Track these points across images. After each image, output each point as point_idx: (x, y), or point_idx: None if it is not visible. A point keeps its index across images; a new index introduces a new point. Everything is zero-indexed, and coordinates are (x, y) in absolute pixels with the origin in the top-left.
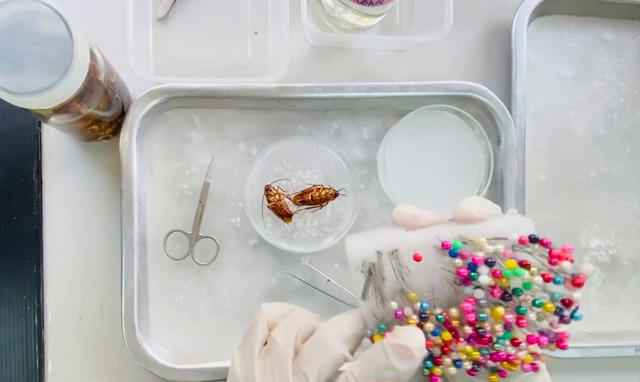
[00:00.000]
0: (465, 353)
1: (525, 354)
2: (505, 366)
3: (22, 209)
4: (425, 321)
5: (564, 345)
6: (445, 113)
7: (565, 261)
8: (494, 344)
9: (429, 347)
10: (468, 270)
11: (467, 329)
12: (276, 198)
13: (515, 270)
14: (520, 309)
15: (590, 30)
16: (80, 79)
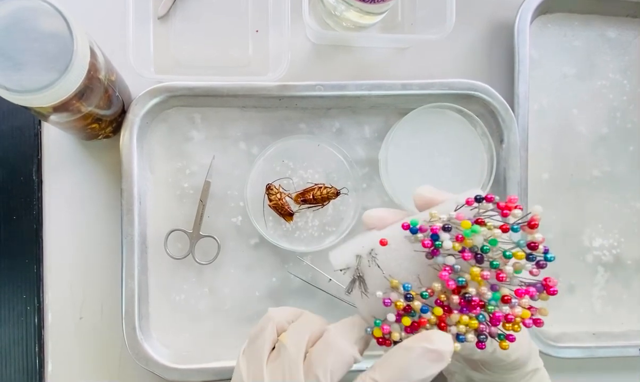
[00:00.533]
0: (464, 324)
1: (522, 310)
2: (507, 327)
3: (22, 208)
4: (411, 300)
5: (553, 290)
6: (448, 111)
7: (515, 209)
8: (487, 307)
9: (423, 325)
10: (431, 240)
11: (455, 299)
12: (277, 197)
13: (472, 228)
14: (494, 263)
15: (594, 28)
16: (80, 76)
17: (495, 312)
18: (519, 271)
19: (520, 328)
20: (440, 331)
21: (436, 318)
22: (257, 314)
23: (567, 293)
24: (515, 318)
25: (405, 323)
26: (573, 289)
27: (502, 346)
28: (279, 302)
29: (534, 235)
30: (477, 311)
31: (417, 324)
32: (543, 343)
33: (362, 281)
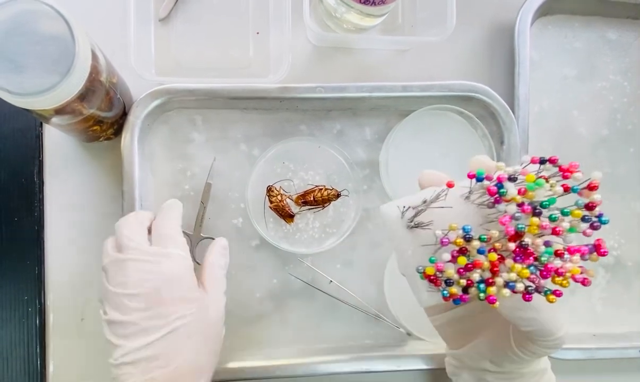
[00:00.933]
0: (515, 271)
1: (572, 266)
2: (557, 281)
3: (24, 209)
4: (469, 241)
5: (603, 251)
6: (448, 113)
7: (576, 173)
8: (540, 259)
9: (478, 267)
10: (497, 188)
11: (510, 246)
12: (278, 199)
13: (537, 181)
14: (552, 216)
15: (594, 30)
16: (81, 79)
17: (547, 263)
18: (574, 229)
19: (569, 284)
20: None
21: (489, 263)
22: (257, 316)
23: (568, 294)
24: (565, 273)
25: (460, 262)
26: (574, 290)
27: (549, 299)
28: (279, 303)
29: (592, 196)
30: (530, 261)
31: (471, 266)
32: None
33: (417, 223)
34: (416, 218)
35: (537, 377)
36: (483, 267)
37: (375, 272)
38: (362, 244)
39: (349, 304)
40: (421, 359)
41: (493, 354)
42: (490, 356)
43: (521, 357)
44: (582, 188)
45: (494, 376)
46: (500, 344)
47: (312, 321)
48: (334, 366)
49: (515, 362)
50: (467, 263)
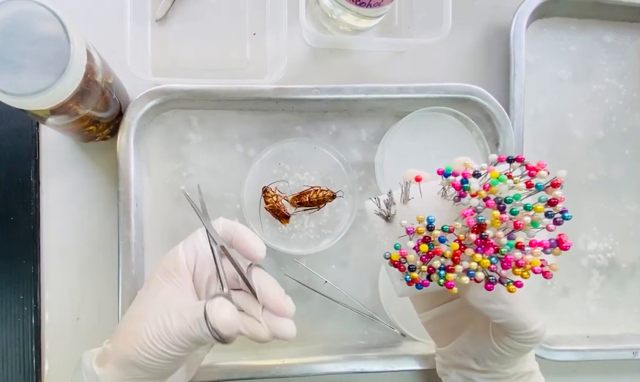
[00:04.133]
0: (476, 261)
1: (533, 258)
2: (517, 272)
3: (20, 209)
4: (431, 230)
5: (565, 246)
6: (444, 115)
7: (542, 171)
8: (501, 251)
9: (438, 254)
10: (460, 183)
11: (472, 237)
12: (274, 200)
13: (500, 177)
14: (513, 210)
15: (590, 33)
16: (77, 79)
17: (507, 255)
18: (536, 224)
19: (529, 275)
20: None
21: (451, 252)
22: None
23: (561, 296)
24: (525, 265)
25: (422, 250)
26: (568, 292)
27: (509, 289)
28: None
29: (555, 192)
30: (491, 252)
31: (432, 253)
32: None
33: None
34: (391, 211)
35: (523, 379)
36: (445, 256)
37: (370, 273)
38: (357, 245)
39: (344, 305)
40: (415, 360)
41: (475, 350)
42: (473, 353)
43: (501, 353)
44: (546, 186)
45: (479, 375)
46: (481, 339)
47: (307, 321)
48: (329, 366)
49: (496, 359)
50: (429, 251)
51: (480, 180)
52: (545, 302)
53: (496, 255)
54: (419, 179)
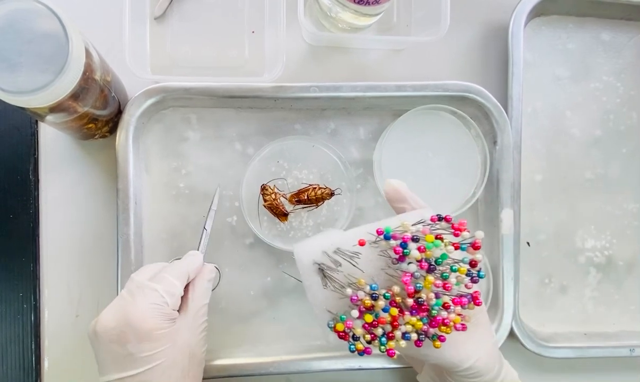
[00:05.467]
0: (411, 324)
1: (455, 316)
2: (442, 329)
3: (19, 207)
4: (376, 300)
5: (479, 302)
6: (442, 113)
7: (464, 231)
8: (431, 312)
9: (382, 323)
10: (401, 248)
11: (409, 302)
12: (272, 197)
13: (434, 242)
14: (444, 275)
15: (588, 31)
16: (75, 77)
17: (436, 316)
18: (459, 283)
19: (452, 330)
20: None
21: (391, 317)
22: (251, 313)
23: (559, 294)
24: (449, 323)
25: (367, 320)
26: (565, 289)
27: (435, 345)
28: (273, 301)
29: (475, 255)
30: (424, 314)
31: (376, 322)
32: (535, 343)
33: (334, 281)
34: (326, 266)
35: None
36: (386, 321)
37: None
38: None
39: None
40: None
41: (438, 378)
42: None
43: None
44: (469, 247)
45: None
46: (439, 369)
47: (305, 318)
48: (327, 362)
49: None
50: (374, 320)
51: (417, 244)
52: (543, 300)
53: (426, 316)
54: (363, 243)
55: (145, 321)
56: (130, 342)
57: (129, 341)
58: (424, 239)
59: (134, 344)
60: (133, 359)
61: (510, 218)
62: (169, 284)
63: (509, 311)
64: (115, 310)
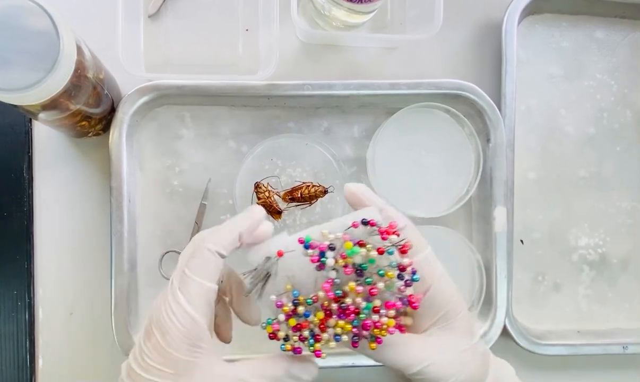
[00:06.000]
0: (340, 327)
1: (388, 320)
2: (375, 332)
3: (13, 205)
4: (297, 305)
5: (415, 305)
6: (435, 111)
7: (392, 235)
8: (360, 315)
9: (305, 327)
10: (319, 256)
11: (334, 307)
12: (266, 195)
13: (352, 249)
14: (367, 280)
15: (582, 29)
16: (67, 75)
17: (364, 320)
18: (391, 287)
19: (387, 334)
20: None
21: (318, 320)
22: None
23: (553, 291)
24: (381, 326)
25: (290, 324)
26: (559, 287)
27: (371, 347)
28: None
29: (403, 260)
30: (352, 318)
31: (300, 326)
32: (528, 341)
33: (266, 280)
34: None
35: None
36: (314, 323)
37: None
38: None
39: None
40: None
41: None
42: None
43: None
44: (397, 251)
45: None
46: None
47: None
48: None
49: None
50: (297, 323)
51: (335, 253)
52: (537, 298)
53: (357, 318)
54: (281, 254)
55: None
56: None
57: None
58: (344, 246)
59: None
60: None
61: (503, 216)
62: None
63: (502, 308)
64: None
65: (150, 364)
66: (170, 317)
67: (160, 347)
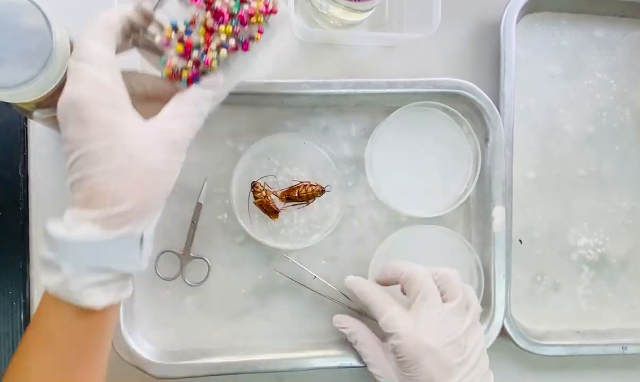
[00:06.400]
0: (224, 32)
1: (256, 4)
2: (253, 21)
3: (8, 204)
4: (176, 29)
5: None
6: (434, 110)
7: None
8: (233, 12)
9: (190, 45)
10: None
11: (208, 15)
12: (263, 195)
13: None
14: None
15: (581, 28)
16: (60, 72)
17: (240, 13)
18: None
19: (262, 18)
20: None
21: (202, 36)
22: (242, 311)
23: (552, 291)
24: (254, 12)
25: (178, 49)
26: (558, 287)
27: (256, 37)
28: (264, 299)
29: None
30: (227, 18)
31: (188, 46)
32: (527, 341)
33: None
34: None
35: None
36: (200, 44)
37: (360, 268)
38: (347, 240)
39: (334, 300)
40: None
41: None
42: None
43: None
44: None
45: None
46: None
47: (297, 316)
48: (317, 361)
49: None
50: (185, 45)
51: None
52: (536, 298)
53: (233, 19)
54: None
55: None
56: (68, 124)
57: (66, 128)
58: None
59: (70, 130)
60: (69, 146)
61: (502, 216)
62: (97, 56)
63: (500, 308)
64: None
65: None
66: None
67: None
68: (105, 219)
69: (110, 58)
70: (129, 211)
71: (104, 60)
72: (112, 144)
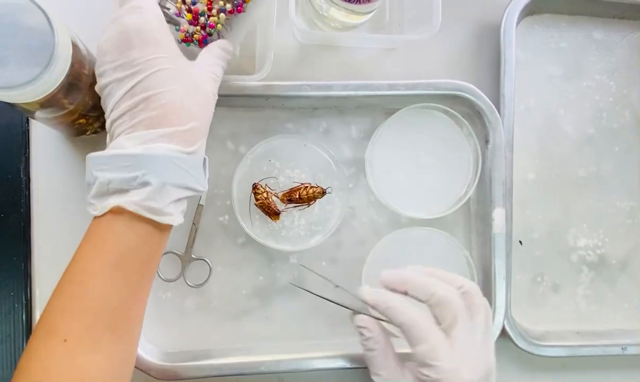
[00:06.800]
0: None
1: None
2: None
3: (10, 205)
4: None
5: None
6: (434, 112)
7: None
8: None
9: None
10: None
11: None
12: (264, 196)
13: None
14: None
15: (580, 29)
16: (63, 71)
17: None
18: None
19: None
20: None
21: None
22: (243, 312)
23: (551, 292)
24: None
25: (188, 17)
26: (558, 288)
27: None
28: (265, 300)
29: None
30: None
31: (195, 13)
32: (527, 342)
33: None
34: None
35: None
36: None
37: (360, 270)
38: (348, 242)
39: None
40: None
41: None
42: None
43: None
44: None
45: None
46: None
47: (298, 317)
48: (319, 362)
49: None
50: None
51: None
52: (536, 299)
53: None
54: None
55: (143, 28)
56: (131, 53)
57: (130, 53)
58: None
59: (135, 52)
60: (133, 69)
61: (502, 217)
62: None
63: (500, 309)
64: (112, 29)
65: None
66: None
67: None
68: (181, 134)
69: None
70: (196, 129)
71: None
72: (180, 69)
